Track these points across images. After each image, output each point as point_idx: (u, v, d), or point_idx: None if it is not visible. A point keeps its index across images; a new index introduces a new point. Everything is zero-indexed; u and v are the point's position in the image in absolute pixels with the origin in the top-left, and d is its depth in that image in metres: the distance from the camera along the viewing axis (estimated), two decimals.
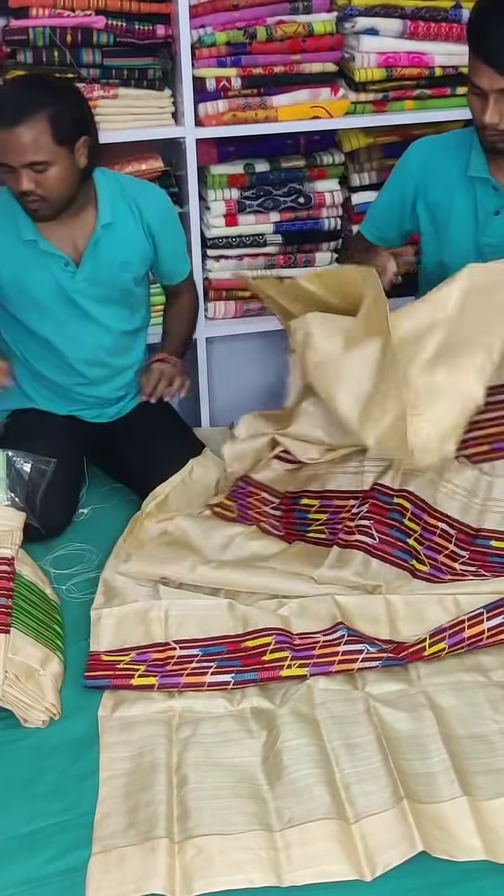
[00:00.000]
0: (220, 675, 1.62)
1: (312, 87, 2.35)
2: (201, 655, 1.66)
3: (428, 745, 1.49)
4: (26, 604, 1.73)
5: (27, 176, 1.87)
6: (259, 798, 1.42)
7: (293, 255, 2.53)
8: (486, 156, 1.99)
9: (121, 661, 1.66)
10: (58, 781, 1.49)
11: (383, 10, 2.32)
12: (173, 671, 1.63)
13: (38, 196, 1.90)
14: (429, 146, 2.12)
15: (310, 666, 1.62)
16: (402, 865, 1.30)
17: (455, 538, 1.87)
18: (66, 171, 1.91)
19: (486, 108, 1.86)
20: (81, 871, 1.34)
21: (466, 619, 1.67)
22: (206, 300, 2.51)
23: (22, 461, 2.03)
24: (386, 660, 1.63)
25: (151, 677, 1.62)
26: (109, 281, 2.10)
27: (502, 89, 1.83)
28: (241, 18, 2.27)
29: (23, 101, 1.83)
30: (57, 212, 1.96)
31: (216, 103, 2.30)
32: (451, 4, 2.36)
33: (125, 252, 2.09)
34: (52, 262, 2.05)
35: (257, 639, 1.69)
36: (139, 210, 2.09)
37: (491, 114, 1.86)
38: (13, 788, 1.48)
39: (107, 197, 2.05)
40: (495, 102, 1.85)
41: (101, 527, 2.10)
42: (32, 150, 1.84)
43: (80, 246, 2.05)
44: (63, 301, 2.09)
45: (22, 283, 2.06)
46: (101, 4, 2.18)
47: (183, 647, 1.68)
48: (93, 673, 1.65)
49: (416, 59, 2.38)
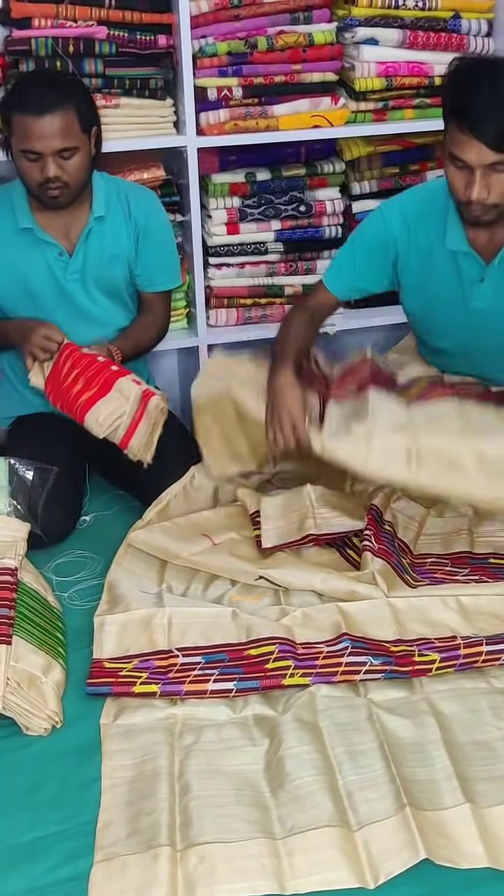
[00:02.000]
0: (223, 682, 1.62)
1: (313, 97, 2.36)
2: (204, 663, 1.66)
3: (430, 751, 1.49)
4: (28, 611, 1.73)
5: (55, 162, 1.93)
6: (262, 805, 1.42)
7: (294, 262, 2.54)
8: (463, 226, 1.90)
9: (123, 668, 1.66)
10: (60, 789, 1.49)
11: (383, 21, 2.33)
12: (176, 679, 1.63)
13: (63, 182, 1.97)
14: (404, 211, 2.00)
15: (312, 676, 1.62)
16: (405, 873, 1.30)
17: (450, 563, 1.90)
18: (87, 157, 2.00)
19: (471, 183, 1.73)
20: (83, 879, 1.33)
21: (485, 648, 1.66)
22: (208, 308, 2.52)
23: (24, 468, 2.03)
24: (389, 672, 1.63)
25: (153, 685, 1.62)
26: (99, 274, 2.13)
27: (493, 164, 1.70)
28: (242, 28, 2.28)
29: (51, 91, 1.92)
30: (73, 198, 2.03)
31: (217, 112, 2.31)
32: (450, 15, 2.38)
33: (113, 246, 2.13)
34: (48, 250, 2.09)
35: (260, 647, 1.68)
36: (129, 207, 2.14)
37: (479, 189, 1.73)
38: (15, 796, 1.48)
39: (102, 192, 2.11)
40: (483, 177, 1.72)
41: (104, 534, 2.10)
42: (63, 136, 1.92)
43: (74, 237, 2.09)
44: (56, 292, 2.12)
45: (17, 271, 2.09)
46: (104, 15, 2.19)
47: (186, 655, 1.68)
48: (95, 680, 1.65)
49: (416, 68, 2.40)
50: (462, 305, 2.01)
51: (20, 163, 1.97)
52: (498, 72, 1.71)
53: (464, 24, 2.39)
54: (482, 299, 1.98)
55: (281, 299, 2.56)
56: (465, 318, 2.02)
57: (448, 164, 1.77)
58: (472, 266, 1.95)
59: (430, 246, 1.97)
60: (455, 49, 2.40)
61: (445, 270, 1.98)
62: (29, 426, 2.24)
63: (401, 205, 2.03)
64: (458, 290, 1.99)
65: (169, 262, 2.27)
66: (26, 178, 1.99)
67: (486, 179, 1.73)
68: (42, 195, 2.00)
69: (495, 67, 1.73)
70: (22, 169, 1.98)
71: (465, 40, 2.40)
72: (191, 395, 2.15)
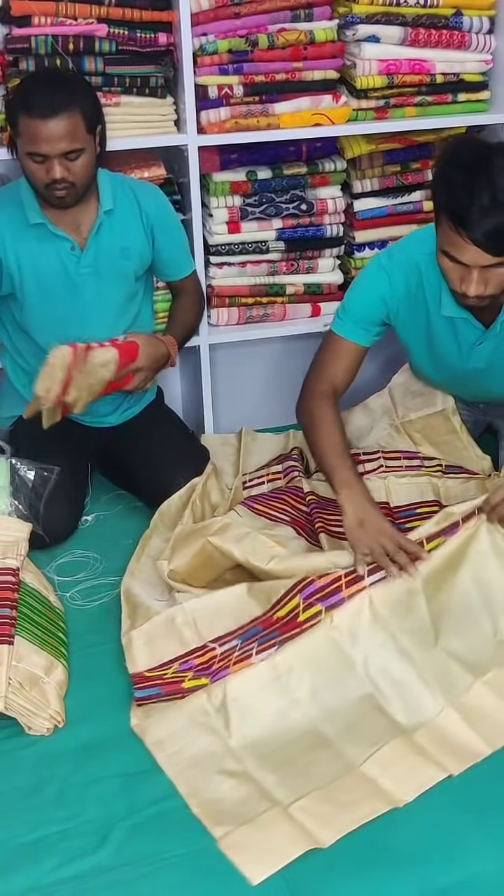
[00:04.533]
0: (265, 651, 1.64)
1: (314, 95, 2.35)
2: (241, 643, 1.67)
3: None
4: (30, 611, 1.72)
5: (61, 164, 1.94)
6: (326, 743, 1.53)
7: (295, 261, 2.53)
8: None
9: (165, 672, 1.67)
10: (62, 789, 1.49)
11: (384, 18, 2.32)
12: (221, 667, 1.64)
13: (69, 183, 1.97)
14: (400, 276, 1.92)
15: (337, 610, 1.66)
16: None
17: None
18: (92, 157, 2.01)
19: (467, 280, 1.67)
20: (87, 878, 1.33)
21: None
22: (209, 307, 2.51)
23: (25, 468, 2.03)
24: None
25: (203, 678, 1.63)
26: (111, 267, 2.14)
27: (491, 265, 1.64)
28: (242, 26, 2.27)
29: (57, 93, 1.92)
30: (79, 198, 2.04)
31: (218, 111, 2.31)
32: (451, 12, 2.37)
33: (125, 238, 2.14)
34: (59, 244, 2.09)
35: (285, 605, 1.70)
36: (138, 202, 2.16)
37: (476, 287, 1.67)
38: (18, 796, 1.48)
39: (108, 188, 2.12)
40: (480, 274, 1.65)
41: (106, 534, 2.10)
42: (70, 138, 1.93)
43: (84, 232, 2.10)
44: (67, 286, 2.11)
45: (30, 266, 2.09)
46: (104, 13, 2.18)
47: (221, 644, 1.69)
48: (142, 684, 1.65)
49: (417, 66, 2.39)
50: (459, 362, 2.00)
51: (26, 164, 1.98)
52: (493, 167, 1.60)
53: (465, 20, 2.38)
54: (480, 360, 1.97)
55: (282, 298, 2.55)
56: (461, 370, 2.02)
57: (441, 255, 1.69)
58: (469, 330, 1.92)
59: (431, 311, 1.93)
60: (457, 47, 2.39)
61: (444, 332, 1.95)
62: (30, 426, 2.23)
63: (398, 270, 1.94)
64: (456, 350, 1.98)
65: (186, 246, 2.32)
66: (33, 179, 2.00)
67: (484, 276, 1.66)
68: (48, 195, 2.00)
69: (489, 162, 1.61)
70: (28, 170, 1.99)
71: (467, 37, 2.39)
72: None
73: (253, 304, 2.54)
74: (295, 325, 2.58)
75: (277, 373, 2.73)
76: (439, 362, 2.06)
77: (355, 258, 2.58)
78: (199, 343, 2.49)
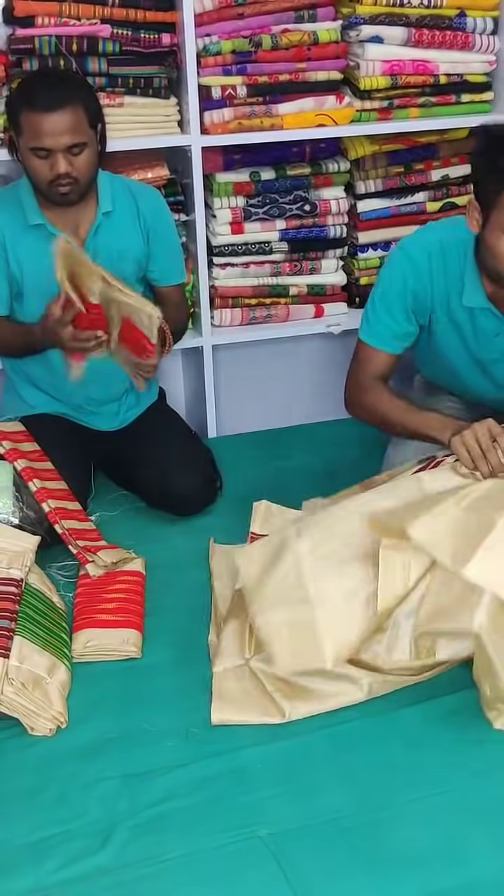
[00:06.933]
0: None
1: (317, 95, 2.36)
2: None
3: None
4: (33, 612, 1.72)
5: (65, 158, 1.95)
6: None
7: (299, 262, 2.53)
8: (482, 283, 1.85)
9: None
10: (65, 790, 1.49)
11: (388, 19, 2.32)
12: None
13: (72, 178, 1.98)
14: (421, 268, 1.91)
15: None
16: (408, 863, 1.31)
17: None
18: (94, 153, 2.01)
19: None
20: (89, 879, 1.33)
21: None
22: (212, 308, 2.51)
23: None
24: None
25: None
26: (108, 269, 2.10)
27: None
28: (246, 27, 2.27)
29: (58, 88, 1.94)
30: (81, 195, 2.04)
31: (222, 111, 2.31)
32: (455, 13, 2.37)
33: (122, 241, 2.13)
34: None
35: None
36: (136, 204, 2.15)
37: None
38: (20, 797, 1.48)
39: (107, 189, 2.11)
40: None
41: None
42: (73, 132, 1.93)
43: (83, 233, 2.09)
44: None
45: (29, 267, 2.09)
46: (107, 13, 2.19)
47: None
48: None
49: (421, 66, 2.39)
50: (472, 357, 1.99)
51: (29, 161, 1.97)
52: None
53: (469, 21, 2.38)
54: (493, 350, 1.95)
55: (286, 299, 2.55)
56: (469, 365, 2.00)
57: (494, 229, 1.71)
58: (489, 320, 1.91)
59: (452, 301, 1.91)
60: (460, 47, 2.39)
61: (463, 322, 1.94)
62: (34, 428, 2.24)
63: (418, 263, 1.92)
64: (472, 342, 1.96)
65: (179, 256, 2.30)
66: (36, 176, 1.99)
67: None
68: (51, 192, 2.00)
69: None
70: (31, 167, 1.98)
71: (471, 38, 2.39)
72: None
73: (256, 305, 2.54)
74: (298, 326, 2.58)
75: (280, 374, 2.73)
76: (449, 353, 2.01)
77: (358, 259, 2.58)
78: (202, 344, 2.50)
